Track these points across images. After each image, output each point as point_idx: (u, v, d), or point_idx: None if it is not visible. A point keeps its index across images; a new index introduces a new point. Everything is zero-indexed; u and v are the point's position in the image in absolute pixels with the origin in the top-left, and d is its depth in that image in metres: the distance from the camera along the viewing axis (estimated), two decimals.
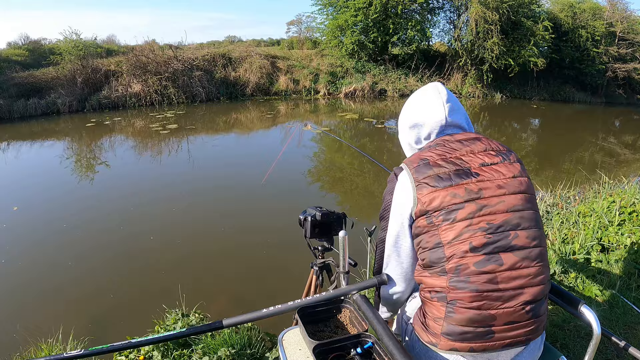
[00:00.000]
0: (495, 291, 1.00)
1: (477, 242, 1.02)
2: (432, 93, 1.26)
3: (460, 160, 1.12)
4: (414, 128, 1.28)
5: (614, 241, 3.21)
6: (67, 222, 4.78)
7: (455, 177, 1.08)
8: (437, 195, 1.06)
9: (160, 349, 2.07)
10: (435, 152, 1.16)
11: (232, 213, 5.12)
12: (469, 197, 1.05)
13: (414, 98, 1.31)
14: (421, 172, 1.11)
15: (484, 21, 14.95)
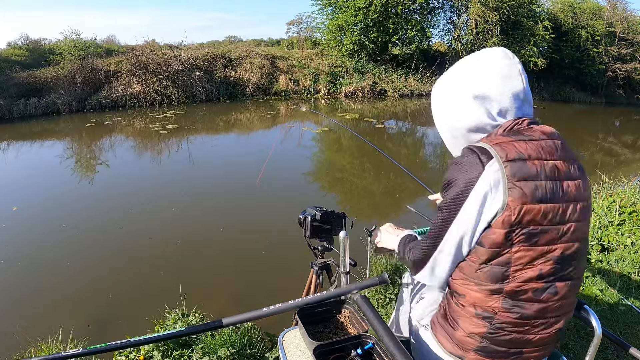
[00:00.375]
0: (542, 319, 0.97)
1: (546, 270, 0.93)
2: (502, 56, 0.99)
3: (556, 169, 0.93)
4: (482, 101, 0.98)
5: (614, 241, 3.21)
6: (67, 222, 4.78)
7: (551, 193, 0.91)
8: (529, 210, 0.89)
9: (160, 349, 2.07)
10: (530, 147, 0.93)
11: (232, 213, 5.12)
12: (557, 221, 0.91)
13: (476, 59, 1.02)
14: (518, 171, 0.89)
15: (484, 21, 14.97)
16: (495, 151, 0.91)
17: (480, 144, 0.94)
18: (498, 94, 0.97)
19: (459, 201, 0.93)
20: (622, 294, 2.60)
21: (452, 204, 0.94)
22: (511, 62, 0.98)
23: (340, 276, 1.46)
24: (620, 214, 3.49)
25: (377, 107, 14.06)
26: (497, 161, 0.90)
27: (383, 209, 5.48)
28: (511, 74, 0.97)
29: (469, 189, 0.91)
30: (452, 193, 0.94)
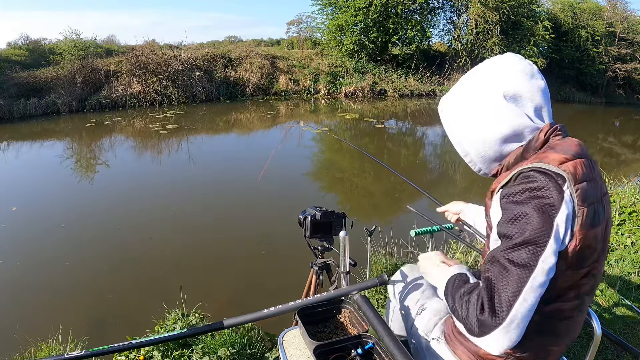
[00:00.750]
0: (568, 332, 0.96)
1: (583, 290, 0.89)
2: (518, 57, 0.94)
3: (599, 187, 0.88)
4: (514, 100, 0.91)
5: (614, 241, 3.21)
6: (66, 222, 4.78)
7: (600, 214, 0.85)
8: (588, 236, 0.82)
9: (160, 349, 2.07)
10: (583, 163, 0.85)
11: (232, 212, 5.12)
12: (601, 242, 0.88)
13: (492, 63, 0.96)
14: (585, 195, 0.81)
15: (484, 21, 14.97)
16: (565, 172, 0.81)
17: (546, 165, 0.83)
18: (528, 90, 0.91)
19: (544, 233, 0.78)
20: (622, 294, 2.60)
21: (536, 238, 0.78)
22: (525, 61, 0.95)
23: (340, 276, 1.46)
24: (620, 214, 3.49)
25: (377, 107, 14.06)
26: (569, 184, 0.81)
27: (383, 209, 5.48)
28: (533, 71, 0.93)
29: (554, 216, 0.79)
30: (534, 224, 0.79)
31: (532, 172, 0.83)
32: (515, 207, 0.81)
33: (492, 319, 0.79)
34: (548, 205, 0.79)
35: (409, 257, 3.38)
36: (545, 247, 0.78)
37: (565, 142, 0.90)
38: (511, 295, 0.78)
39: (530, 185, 0.81)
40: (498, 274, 0.80)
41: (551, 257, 0.78)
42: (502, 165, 0.97)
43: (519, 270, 0.78)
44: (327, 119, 12.28)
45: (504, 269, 0.80)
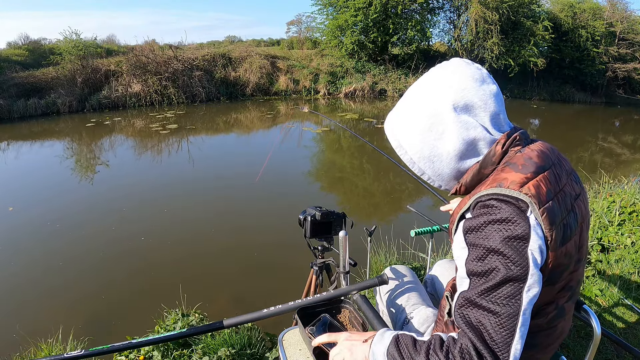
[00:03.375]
0: (551, 338, 0.93)
1: (561, 302, 0.87)
2: (465, 62, 0.87)
3: (569, 195, 0.83)
4: (466, 111, 0.83)
5: (614, 241, 3.21)
6: (65, 222, 4.78)
7: (570, 229, 0.81)
8: (557, 255, 0.79)
9: (160, 349, 2.07)
10: (547, 177, 0.80)
11: (232, 212, 5.12)
12: (575, 254, 0.84)
13: (437, 71, 0.88)
14: (551, 219, 0.76)
15: (484, 21, 14.97)
16: (527, 196, 0.75)
17: (505, 191, 0.77)
18: (480, 99, 0.83)
19: (522, 267, 0.74)
20: (622, 294, 2.60)
21: (516, 274, 0.74)
22: (472, 65, 0.87)
23: (340, 276, 1.46)
24: (620, 214, 3.49)
25: (377, 107, 14.06)
26: (533, 209, 0.76)
27: (383, 209, 5.48)
28: (483, 76, 0.85)
29: (525, 247, 0.74)
30: (509, 261, 0.74)
31: (491, 200, 0.77)
32: (483, 242, 0.76)
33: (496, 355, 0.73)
34: (516, 237, 0.74)
35: (409, 257, 3.38)
36: (526, 280, 0.74)
37: (525, 154, 0.83)
38: (507, 336, 0.73)
39: (493, 218, 0.76)
40: (483, 317, 0.75)
41: (535, 286, 0.75)
42: (461, 184, 0.91)
43: (506, 309, 0.74)
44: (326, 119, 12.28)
45: (489, 312, 0.74)
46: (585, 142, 10.14)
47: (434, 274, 1.52)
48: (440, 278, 1.48)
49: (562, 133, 11.09)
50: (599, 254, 3.08)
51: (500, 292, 0.74)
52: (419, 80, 0.91)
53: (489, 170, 0.86)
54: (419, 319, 1.24)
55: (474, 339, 0.74)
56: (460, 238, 0.82)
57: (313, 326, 1.09)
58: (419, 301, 1.33)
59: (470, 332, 0.75)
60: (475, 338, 0.74)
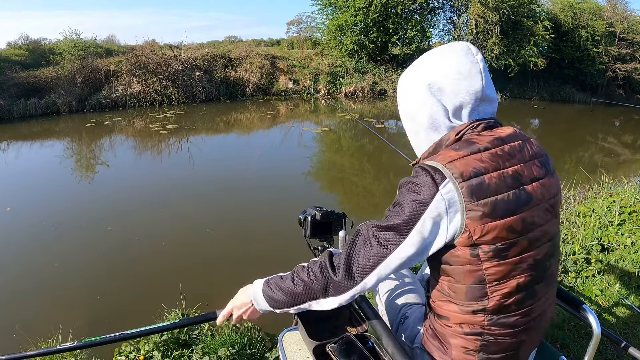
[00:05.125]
0: (529, 322, 0.96)
1: (523, 281, 0.90)
2: (464, 52, 0.94)
3: (518, 176, 0.89)
4: (437, 92, 0.93)
5: (614, 241, 3.21)
6: (65, 222, 4.78)
7: (514, 205, 0.86)
8: (492, 227, 0.84)
9: (160, 349, 2.07)
10: (486, 158, 0.87)
11: (232, 213, 5.12)
12: (524, 231, 0.88)
13: (437, 51, 0.98)
14: (477, 190, 0.84)
15: (484, 21, 14.96)
16: (450, 170, 0.84)
17: (433, 163, 0.87)
18: (452, 89, 0.92)
19: (409, 226, 0.86)
20: (622, 294, 2.60)
21: (401, 227, 0.86)
22: (472, 59, 0.92)
23: None
24: (620, 214, 3.49)
25: (377, 107, 14.06)
26: (452, 181, 0.84)
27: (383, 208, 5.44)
28: (470, 70, 0.91)
29: (421, 212, 0.85)
30: (403, 216, 0.86)
31: (419, 167, 0.89)
32: (398, 197, 0.90)
33: (347, 281, 0.91)
34: (417, 200, 0.85)
35: None
36: (405, 237, 0.86)
37: (472, 137, 0.92)
38: (368, 265, 0.89)
39: (412, 180, 0.88)
40: (362, 244, 0.90)
41: (410, 248, 0.87)
42: (420, 157, 1.03)
43: (379, 249, 0.88)
44: (326, 119, 12.29)
45: (368, 242, 0.90)
46: (585, 142, 10.14)
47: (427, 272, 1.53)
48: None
49: (562, 133, 11.08)
50: (599, 254, 3.08)
51: (383, 234, 0.88)
52: (424, 54, 1.01)
53: (442, 151, 0.94)
54: (414, 318, 1.25)
55: (342, 257, 0.92)
56: None
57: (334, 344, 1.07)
58: (416, 300, 1.34)
59: (347, 249, 0.92)
60: (344, 256, 0.91)
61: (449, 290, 0.93)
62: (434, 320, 1.02)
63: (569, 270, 2.90)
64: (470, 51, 0.94)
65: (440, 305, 0.98)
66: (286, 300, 0.99)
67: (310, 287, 0.95)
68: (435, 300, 0.99)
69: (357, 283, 0.91)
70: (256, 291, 1.04)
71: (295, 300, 0.98)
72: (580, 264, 2.96)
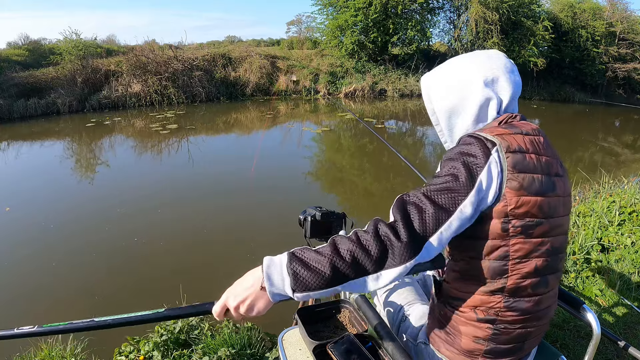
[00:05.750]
0: (539, 312, 0.99)
1: (540, 264, 0.93)
2: (498, 52, 1.05)
3: (548, 165, 0.95)
4: (492, 85, 0.99)
5: (614, 241, 3.21)
6: (64, 222, 4.78)
7: (545, 187, 0.92)
8: (526, 202, 0.89)
9: (160, 349, 2.07)
10: (527, 141, 0.93)
11: (232, 213, 5.12)
12: (549, 214, 0.92)
13: (478, 52, 1.05)
14: (518, 163, 0.89)
15: (484, 21, 14.97)
16: (498, 140, 0.90)
17: (481, 133, 0.93)
18: (505, 81, 1.00)
19: (468, 187, 0.85)
20: (622, 294, 2.60)
21: (460, 188, 0.85)
22: (507, 58, 1.04)
23: None
24: (620, 214, 3.49)
25: (377, 107, 14.06)
26: (500, 150, 0.89)
27: (383, 209, 5.47)
28: (512, 68, 1.02)
29: (477, 173, 0.87)
30: (462, 177, 0.86)
31: (466, 137, 0.93)
32: (448, 162, 0.90)
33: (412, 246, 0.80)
34: (473, 163, 0.87)
35: None
36: (466, 197, 0.85)
37: (517, 123, 0.99)
38: (431, 228, 0.82)
39: (462, 147, 0.91)
40: (415, 209, 0.83)
41: (469, 207, 0.85)
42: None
43: (440, 211, 0.83)
44: (326, 119, 12.29)
45: (424, 206, 0.83)
46: (585, 142, 10.14)
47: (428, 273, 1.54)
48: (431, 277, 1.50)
49: (562, 133, 11.08)
50: (599, 254, 3.08)
51: (441, 195, 0.85)
52: (462, 55, 1.07)
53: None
54: (416, 315, 1.26)
55: (398, 223, 0.81)
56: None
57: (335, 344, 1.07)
58: (415, 299, 1.35)
59: (402, 216, 0.82)
60: (402, 221, 0.81)
61: (470, 268, 0.95)
62: (444, 310, 1.04)
63: (569, 270, 2.90)
64: (503, 54, 1.04)
65: (457, 287, 0.99)
66: (323, 280, 0.78)
67: (363, 259, 0.79)
68: (452, 282, 1.01)
69: (420, 248, 0.81)
70: (272, 269, 0.86)
71: (337, 277, 0.78)
72: (580, 264, 2.96)
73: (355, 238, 0.81)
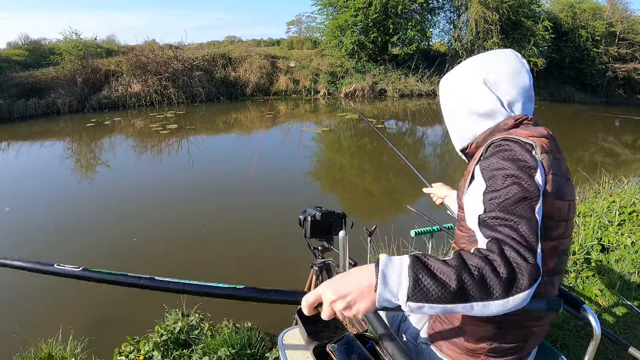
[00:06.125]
0: (544, 311, 0.99)
1: (552, 265, 0.94)
2: (513, 54, 1.05)
3: (566, 169, 0.96)
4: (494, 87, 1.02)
5: (614, 241, 3.21)
6: (64, 222, 4.78)
7: (567, 190, 0.92)
8: (552, 202, 0.89)
9: (160, 349, 2.07)
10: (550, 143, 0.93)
11: (232, 213, 5.12)
12: (564, 217, 0.92)
13: (489, 53, 1.08)
14: (550, 167, 0.88)
15: (484, 21, 14.98)
16: (534, 142, 0.89)
17: (514, 136, 0.90)
18: (507, 84, 1.01)
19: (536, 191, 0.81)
20: (622, 294, 2.60)
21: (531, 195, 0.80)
22: (521, 61, 1.05)
23: None
24: (620, 214, 3.49)
25: (377, 107, 14.06)
26: (537, 152, 0.87)
27: (383, 209, 5.48)
28: (520, 70, 1.03)
29: (533, 175, 0.82)
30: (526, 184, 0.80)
31: (503, 141, 0.90)
32: (500, 172, 0.84)
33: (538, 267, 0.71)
34: (528, 166, 0.84)
35: None
36: (538, 201, 0.81)
37: (533, 127, 0.98)
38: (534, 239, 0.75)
39: (506, 153, 0.87)
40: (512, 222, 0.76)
41: (541, 209, 0.82)
42: (474, 142, 1.08)
43: (528, 218, 0.77)
44: (326, 119, 12.28)
45: (518, 217, 0.76)
46: (585, 142, 10.14)
47: None
48: None
49: (562, 133, 11.06)
50: (599, 254, 3.08)
51: (520, 207, 0.79)
52: (475, 55, 1.10)
53: (500, 134, 0.98)
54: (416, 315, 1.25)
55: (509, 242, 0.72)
56: (479, 180, 0.89)
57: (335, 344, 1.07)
58: None
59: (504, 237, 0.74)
60: (511, 241, 0.73)
61: None
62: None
63: (569, 270, 2.90)
64: (517, 55, 1.06)
65: None
66: (446, 293, 0.69)
67: (491, 281, 0.69)
68: None
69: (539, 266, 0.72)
70: (390, 268, 0.72)
71: (462, 294, 0.69)
72: (580, 264, 2.96)
73: (483, 256, 0.72)
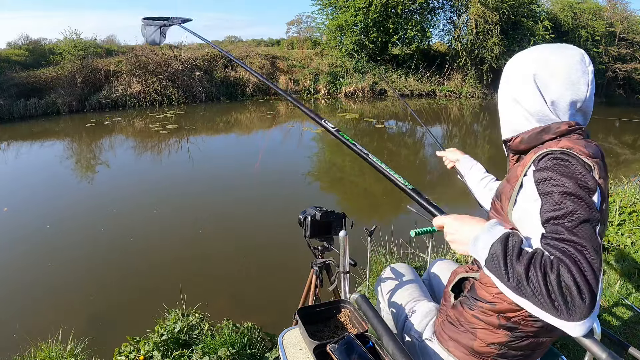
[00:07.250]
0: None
1: None
2: (579, 60, 0.93)
3: (607, 180, 0.91)
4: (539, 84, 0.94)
5: (614, 241, 3.21)
6: (63, 222, 4.78)
7: (605, 214, 0.87)
8: (602, 231, 0.85)
9: (160, 349, 2.07)
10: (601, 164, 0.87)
11: (232, 213, 5.12)
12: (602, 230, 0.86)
13: (555, 49, 0.97)
14: (606, 192, 0.85)
15: (484, 21, 14.96)
16: (593, 164, 0.84)
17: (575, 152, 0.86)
18: (557, 91, 0.94)
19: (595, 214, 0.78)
20: (622, 294, 2.60)
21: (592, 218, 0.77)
22: (585, 69, 0.93)
23: (340, 276, 1.46)
24: (620, 214, 3.49)
25: (377, 107, 14.06)
26: (595, 175, 0.82)
27: (383, 209, 5.48)
28: (579, 80, 0.93)
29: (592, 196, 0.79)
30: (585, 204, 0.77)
31: (563, 155, 0.85)
32: (559, 189, 0.80)
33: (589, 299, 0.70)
34: (588, 187, 0.79)
35: (409, 257, 3.38)
36: (599, 223, 0.78)
37: (587, 141, 0.92)
38: (598, 268, 0.72)
39: (567, 169, 0.82)
40: (576, 249, 0.73)
41: (600, 233, 0.78)
42: (519, 136, 0.99)
43: (593, 244, 0.74)
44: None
45: (581, 245, 0.73)
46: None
47: (433, 272, 1.54)
48: (438, 277, 1.50)
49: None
50: None
51: (583, 230, 0.75)
52: (543, 45, 1.02)
53: (549, 137, 0.93)
54: (421, 312, 1.26)
55: (572, 268, 0.71)
56: (531, 191, 0.85)
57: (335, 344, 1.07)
58: (420, 296, 1.35)
59: (568, 260, 0.72)
60: (573, 266, 0.71)
61: None
62: (462, 309, 1.04)
63: None
64: (584, 60, 0.94)
65: (491, 291, 0.97)
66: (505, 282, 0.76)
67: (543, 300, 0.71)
68: (487, 284, 0.98)
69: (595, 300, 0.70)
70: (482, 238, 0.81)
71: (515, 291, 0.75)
72: None
73: (542, 273, 0.72)
